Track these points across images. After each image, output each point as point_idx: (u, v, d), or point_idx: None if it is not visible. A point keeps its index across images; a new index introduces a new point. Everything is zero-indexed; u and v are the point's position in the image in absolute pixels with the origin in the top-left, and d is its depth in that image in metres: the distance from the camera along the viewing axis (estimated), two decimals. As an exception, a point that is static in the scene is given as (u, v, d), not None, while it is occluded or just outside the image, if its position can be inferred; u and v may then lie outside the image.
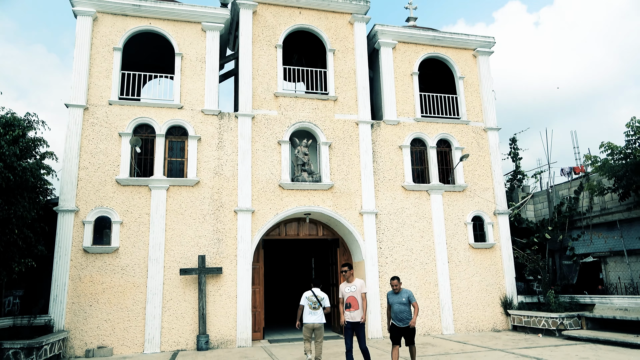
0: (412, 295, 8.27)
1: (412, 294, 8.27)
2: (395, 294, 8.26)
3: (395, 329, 8.17)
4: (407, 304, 8.11)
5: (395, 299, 8.20)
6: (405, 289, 8.31)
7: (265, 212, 13.09)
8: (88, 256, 11.77)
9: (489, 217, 14.74)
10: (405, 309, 8.08)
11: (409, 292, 8.26)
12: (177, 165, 13.05)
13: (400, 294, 8.20)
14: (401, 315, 8.09)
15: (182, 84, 13.38)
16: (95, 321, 11.48)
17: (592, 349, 10.28)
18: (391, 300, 8.27)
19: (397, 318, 8.12)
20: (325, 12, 14.88)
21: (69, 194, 11.88)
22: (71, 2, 12.92)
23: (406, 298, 8.14)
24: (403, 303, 8.12)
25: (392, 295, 8.29)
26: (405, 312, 8.07)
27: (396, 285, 8.28)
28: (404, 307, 8.10)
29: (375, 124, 14.55)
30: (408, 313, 8.09)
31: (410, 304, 8.16)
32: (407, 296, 8.17)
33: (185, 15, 13.62)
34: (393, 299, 8.25)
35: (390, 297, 8.32)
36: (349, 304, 8.21)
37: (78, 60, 12.69)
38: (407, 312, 8.09)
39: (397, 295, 8.21)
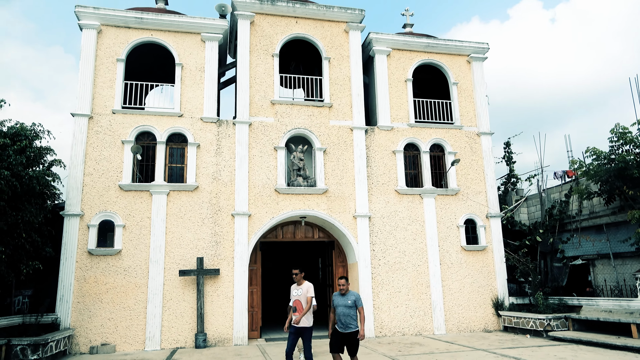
0: (360, 298, 7.60)
1: (359, 297, 7.60)
2: (341, 296, 7.61)
3: (336, 335, 7.50)
4: (352, 307, 7.45)
5: (341, 302, 7.54)
6: (352, 292, 7.68)
7: (261, 215, 13.61)
8: (92, 258, 12.42)
9: (481, 220, 15.07)
10: (350, 313, 7.41)
11: (357, 294, 7.62)
12: (177, 171, 13.64)
13: (347, 296, 7.55)
14: (345, 320, 7.41)
15: (182, 93, 13.96)
16: (99, 320, 12.12)
17: (573, 349, 10.61)
18: (336, 303, 7.60)
19: (340, 323, 7.45)
20: (321, 21, 15.33)
21: (74, 199, 12.53)
22: (77, 15, 13.57)
23: (352, 301, 7.46)
24: (348, 306, 7.45)
25: (338, 297, 7.63)
26: (349, 316, 7.40)
27: (343, 285, 7.62)
28: (349, 310, 7.43)
29: (370, 130, 14.97)
30: (352, 318, 7.43)
31: (356, 308, 7.49)
32: (354, 299, 7.50)
33: (185, 26, 14.19)
34: (338, 301, 7.58)
35: (335, 299, 7.65)
36: (295, 308, 7.92)
37: (83, 72, 13.33)
38: (352, 317, 7.42)
39: (343, 298, 7.56)
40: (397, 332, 13.74)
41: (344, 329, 7.40)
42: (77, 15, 13.57)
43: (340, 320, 7.46)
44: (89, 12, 13.56)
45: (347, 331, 7.37)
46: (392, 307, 13.90)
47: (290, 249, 20.60)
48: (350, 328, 7.37)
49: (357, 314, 7.49)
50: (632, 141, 11.41)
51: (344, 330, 7.39)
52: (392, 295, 13.98)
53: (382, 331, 13.64)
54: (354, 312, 7.47)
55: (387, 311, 13.84)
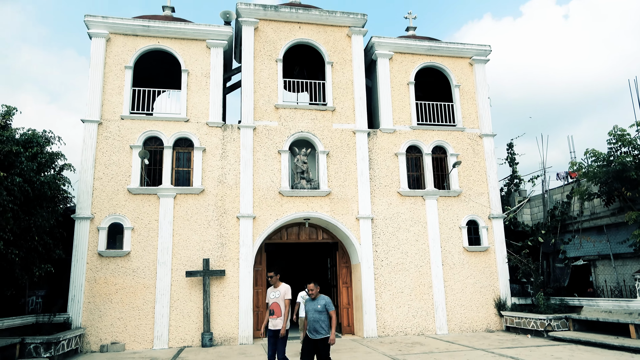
0: (330, 302, 7.32)
1: (329, 301, 7.32)
2: (311, 301, 7.37)
3: (307, 342, 7.23)
4: (322, 312, 7.19)
5: (310, 306, 7.30)
6: (323, 296, 7.38)
7: (265, 217, 13.92)
8: (102, 259, 12.84)
9: (483, 221, 15.22)
10: (320, 318, 7.14)
11: (327, 299, 7.35)
12: (184, 174, 14.01)
13: (317, 300, 7.30)
14: (314, 325, 7.15)
15: (189, 98, 14.33)
16: (109, 319, 12.54)
17: (570, 349, 10.74)
18: (306, 308, 7.38)
19: (310, 328, 7.19)
20: (324, 26, 15.60)
21: (85, 202, 12.97)
22: (86, 25, 14.01)
23: (322, 305, 7.22)
24: (318, 311, 7.19)
25: (308, 302, 7.41)
26: (320, 321, 7.13)
27: (312, 290, 7.40)
28: (319, 315, 7.16)
29: (372, 133, 15.21)
30: (324, 323, 7.14)
31: (327, 313, 7.23)
32: (324, 303, 7.25)
33: (191, 33, 14.56)
34: (308, 306, 7.36)
35: (306, 304, 7.45)
36: (272, 311, 7.80)
37: (93, 79, 13.77)
38: (323, 321, 7.15)
39: (313, 302, 7.31)
40: (399, 331, 13.96)
41: (314, 334, 7.12)
42: (87, 25, 14.01)
43: (310, 326, 7.19)
44: (97, 21, 13.99)
45: (316, 337, 7.09)
46: (394, 307, 14.12)
47: (295, 250, 20.89)
48: (320, 334, 7.09)
49: (328, 319, 7.22)
50: (630, 143, 11.50)
51: (314, 336, 7.12)
52: (395, 295, 14.20)
53: (384, 331, 13.87)
54: (324, 317, 7.17)
55: (390, 311, 14.06)
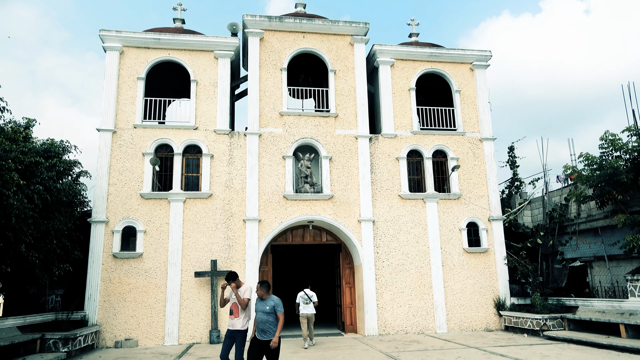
0: (280, 304, 7.24)
1: (279, 303, 7.24)
2: (260, 301, 7.29)
3: (255, 342, 7.14)
4: (271, 313, 7.14)
5: (259, 307, 7.23)
6: (273, 297, 7.32)
7: (270, 220, 14.55)
8: (117, 261, 13.62)
9: (483, 223, 15.59)
10: (268, 320, 7.11)
11: (276, 300, 7.27)
12: (193, 180, 14.72)
13: (266, 301, 7.22)
14: (263, 326, 7.11)
15: (197, 107, 15.04)
16: (123, 317, 13.31)
17: (561, 348, 11.11)
18: (255, 308, 7.33)
19: (258, 329, 7.16)
20: (327, 35, 16.16)
21: (100, 207, 13.77)
22: (101, 39, 14.82)
23: (270, 307, 7.16)
24: (266, 312, 7.13)
25: (258, 303, 7.33)
26: (267, 323, 7.10)
27: (259, 290, 7.33)
28: (267, 317, 7.12)
29: (374, 138, 15.71)
30: (272, 324, 7.12)
31: (275, 315, 7.18)
32: (273, 305, 7.19)
33: (200, 45, 15.26)
34: (257, 306, 7.28)
35: (255, 304, 7.37)
36: (231, 311, 7.84)
37: (107, 90, 14.57)
38: (271, 323, 7.12)
39: (262, 303, 7.23)
40: (400, 330, 14.45)
41: (262, 335, 7.09)
42: (102, 39, 14.82)
43: (258, 327, 7.17)
44: (112, 35, 14.80)
45: (264, 338, 7.07)
46: (395, 307, 14.61)
47: (301, 252, 21.47)
48: (267, 335, 7.06)
49: (276, 320, 7.18)
50: (621, 148, 11.79)
51: (262, 337, 7.08)
52: (396, 295, 14.69)
53: (385, 329, 14.37)
54: (272, 319, 7.13)
55: (391, 310, 14.56)
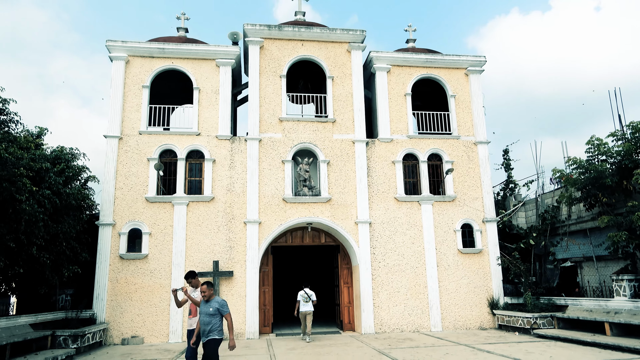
0: (225, 305, 7.10)
1: (224, 304, 7.10)
2: (205, 303, 7.14)
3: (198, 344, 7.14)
4: (215, 315, 7.01)
5: (203, 309, 7.09)
6: (217, 298, 7.20)
7: (270, 223, 15.09)
8: (123, 262, 14.25)
9: (477, 224, 16.02)
10: (211, 321, 6.98)
11: (221, 301, 7.14)
12: (196, 183, 15.32)
13: (210, 303, 7.08)
14: (204, 328, 6.99)
15: (200, 114, 15.63)
16: (130, 315, 13.93)
17: (547, 345, 11.54)
18: (200, 310, 7.20)
19: (201, 330, 7.08)
20: (325, 43, 16.68)
21: (107, 210, 14.41)
22: (108, 49, 15.47)
23: (214, 309, 7.03)
24: (210, 314, 7.01)
25: (202, 304, 7.19)
26: (210, 324, 6.97)
27: (205, 291, 7.13)
28: (210, 318, 7.00)
29: (370, 142, 16.20)
30: (214, 326, 6.99)
31: (220, 316, 7.07)
32: (217, 307, 7.06)
33: (202, 54, 15.86)
34: (201, 308, 7.15)
35: (200, 306, 7.26)
36: (190, 311, 7.96)
37: (113, 98, 15.21)
38: (214, 324, 6.99)
39: (206, 305, 7.09)
40: (395, 328, 14.93)
41: (204, 337, 7.01)
42: (108, 49, 15.46)
43: (201, 328, 7.10)
44: (118, 45, 15.44)
45: (204, 340, 7.01)
46: (391, 306, 15.09)
47: (301, 253, 22.03)
48: (208, 337, 6.97)
49: (219, 322, 7.10)
50: (606, 152, 12.17)
51: (203, 339, 7.03)
52: (392, 294, 15.17)
53: (381, 328, 14.86)
54: (215, 321, 7.03)
55: (387, 309, 15.04)
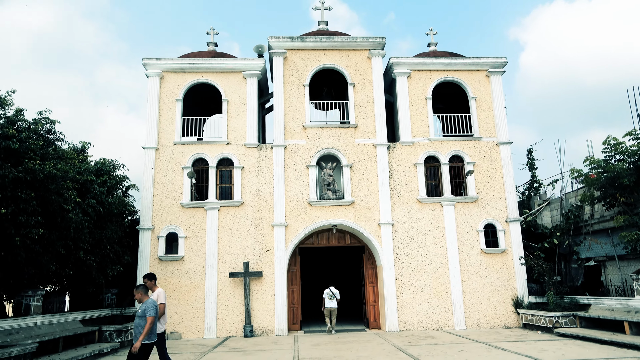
0: (150, 307, 6.98)
1: (149, 306, 6.99)
2: (139, 304, 7.21)
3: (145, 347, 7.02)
4: (142, 317, 6.96)
5: (138, 312, 7.09)
6: (147, 300, 7.09)
7: (296, 225, 15.88)
8: (162, 263, 15.41)
9: (500, 224, 16.21)
10: (140, 324, 6.93)
11: (148, 303, 7.05)
12: (226, 189, 16.31)
13: (141, 305, 7.07)
14: (134, 330, 6.98)
15: (229, 123, 16.62)
16: (168, 313, 15.04)
17: (564, 343, 11.72)
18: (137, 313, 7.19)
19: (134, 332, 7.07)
20: (346, 51, 17.31)
21: (146, 216, 15.61)
22: (144, 66, 16.71)
23: (142, 310, 6.98)
24: (139, 316, 6.99)
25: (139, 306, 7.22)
26: (138, 326, 6.93)
27: (134, 294, 7.20)
28: (139, 320, 6.98)
29: (392, 146, 16.70)
30: (142, 328, 6.90)
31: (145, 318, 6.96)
32: (144, 308, 7.00)
33: (230, 67, 16.84)
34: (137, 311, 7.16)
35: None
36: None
37: (150, 112, 16.42)
38: (142, 326, 6.92)
39: (139, 306, 7.09)
40: (419, 327, 15.38)
41: (135, 339, 6.99)
42: (144, 66, 16.70)
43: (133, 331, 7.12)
44: (153, 62, 16.65)
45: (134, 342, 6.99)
46: (414, 305, 15.55)
47: (329, 254, 22.69)
48: (137, 338, 6.93)
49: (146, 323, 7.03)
50: (624, 152, 12.18)
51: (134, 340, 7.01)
52: (415, 294, 15.62)
53: (405, 326, 15.35)
54: (144, 323, 6.95)
55: (410, 308, 15.51)
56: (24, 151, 8.92)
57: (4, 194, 8.20)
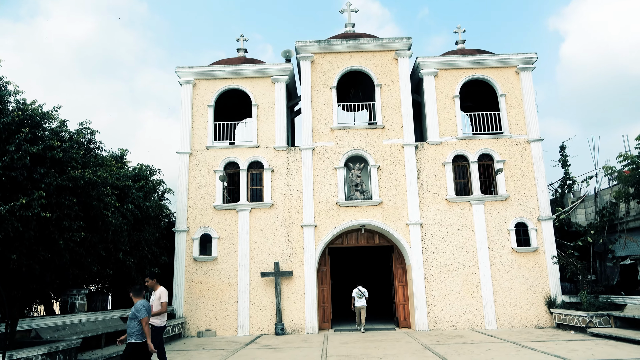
0: (141, 309, 7.30)
1: (140, 309, 7.30)
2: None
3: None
4: (133, 319, 7.31)
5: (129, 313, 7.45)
6: (140, 301, 7.44)
7: (325, 226, 16.19)
8: (197, 263, 16.05)
9: (532, 223, 15.98)
10: (130, 325, 7.33)
11: (137, 305, 7.35)
12: (257, 192, 16.80)
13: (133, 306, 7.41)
14: (128, 331, 7.37)
15: (258, 127, 17.11)
16: (204, 311, 15.68)
17: (596, 343, 11.52)
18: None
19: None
20: (373, 52, 17.47)
21: (181, 218, 16.29)
22: (177, 74, 17.42)
23: (132, 312, 7.32)
24: (130, 317, 7.36)
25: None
26: (130, 327, 7.33)
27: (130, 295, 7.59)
28: (130, 322, 7.35)
29: (420, 145, 16.75)
30: (132, 329, 7.28)
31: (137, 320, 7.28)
32: (134, 311, 7.31)
33: (258, 72, 17.32)
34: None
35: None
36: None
37: (183, 118, 17.11)
38: (132, 327, 7.29)
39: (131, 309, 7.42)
40: (449, 326, 15.38)
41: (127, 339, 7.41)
42: (178, 74, 17.40)
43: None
44: (185, 70, 17.33)
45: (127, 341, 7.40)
46: (444, 304, 15.56)
47: (359, 253, 22.85)
48: (128, 340, 7.34)
49: (137, 325, 7.30)
50: (659, 147, 11.84)
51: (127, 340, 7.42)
52: (445, 293, 15.63)
53: (435, 325, 15.39)
54: (134, 324, 7.31)
55: (440, 307, 15.53)
56: (67, 160, 9.59)
57: (49, 201, 8.86)
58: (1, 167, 8.16)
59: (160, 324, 8.51)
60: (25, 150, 8.40)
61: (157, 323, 8.43)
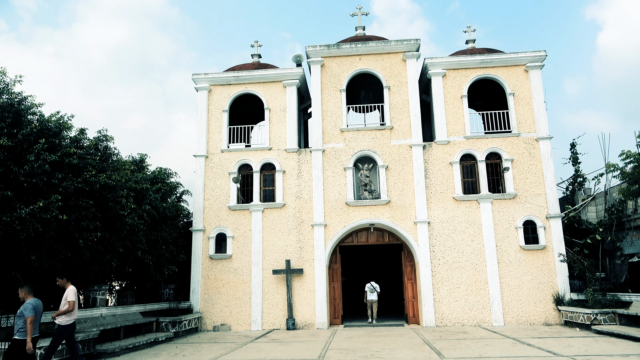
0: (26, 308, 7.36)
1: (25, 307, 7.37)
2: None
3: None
4: (20, 316, 7.36)
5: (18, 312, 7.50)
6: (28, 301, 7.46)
7: (335, 225, 16.71)
8: (212, 261, 16.85)
9: (540, 221, 16.04)
10: (17, 322, 7.39)
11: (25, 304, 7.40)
12: (269, 192, 17.47)
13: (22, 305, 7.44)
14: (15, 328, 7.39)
15: (271, 130, 17.77)
16: (219, 307, 16.47)
17: (595, 340, 11.62)
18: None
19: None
20: (381, 55, 17.84)
21: (198, 218, 17.14)
22: (194, 81, 18.26)
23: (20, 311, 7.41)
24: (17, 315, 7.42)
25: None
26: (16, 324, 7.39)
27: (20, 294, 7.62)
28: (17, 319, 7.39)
29: (427, 145, 17.03)
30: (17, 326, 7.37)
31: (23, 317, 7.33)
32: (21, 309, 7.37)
33: (271, 77, 17.98)
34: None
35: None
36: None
37: (200, 123, 17.94)
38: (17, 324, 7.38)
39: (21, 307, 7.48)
40: (456, 322, 15.65)
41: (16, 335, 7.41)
42: (194, 81, 18.25)
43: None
44: (201, 77, 18.17)
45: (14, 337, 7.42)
46: (451, 301, 15.83)
47: (369, 251, 23.20)
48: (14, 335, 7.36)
49: (25, 324, 7.31)
50: (660, 145, 11.80)
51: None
52: (452, 290, 15.90)
53: (442, 321, 15.68)
54: (20, 322, 7.36)
55: (447, 304, 15.81)
56: (84, 165, 10.48)
57: (67, 203, 9.75)
58: (23, 174, 9.06)
59: (65, 322, 8.45)
60: (43, 159, 9.28)
61: (61, 322, 8.42)
